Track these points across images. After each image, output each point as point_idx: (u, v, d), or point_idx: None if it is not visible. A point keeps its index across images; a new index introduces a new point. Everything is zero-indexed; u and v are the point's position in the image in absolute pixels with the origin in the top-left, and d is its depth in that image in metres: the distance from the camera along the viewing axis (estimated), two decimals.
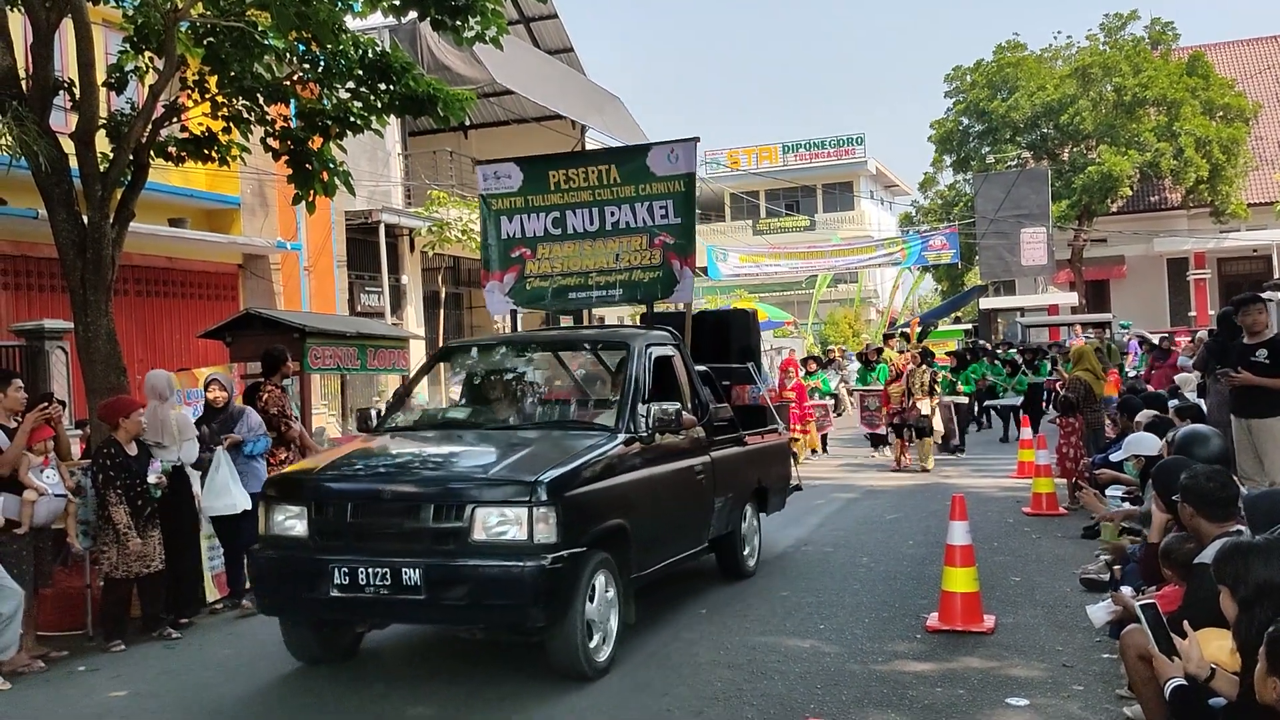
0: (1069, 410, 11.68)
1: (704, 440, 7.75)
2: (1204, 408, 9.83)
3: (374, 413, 7.58)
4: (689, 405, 7.71)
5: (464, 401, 8.17)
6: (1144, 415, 8.79)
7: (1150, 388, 13.21)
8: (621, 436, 6.60)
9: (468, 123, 21.76)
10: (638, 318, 30.31)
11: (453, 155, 23.16)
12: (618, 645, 6.44)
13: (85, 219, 8.59)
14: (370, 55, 9.51)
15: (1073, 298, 35.05)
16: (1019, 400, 19.64)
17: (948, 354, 19.87)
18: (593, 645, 6.02)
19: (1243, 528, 4.50)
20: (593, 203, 9.28)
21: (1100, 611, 5.28)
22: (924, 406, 15.53)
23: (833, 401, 23.48)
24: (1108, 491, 8.23)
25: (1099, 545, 8.60)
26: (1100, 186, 34.25)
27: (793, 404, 16.48)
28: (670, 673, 6.24)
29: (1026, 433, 14.33)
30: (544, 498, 5.66)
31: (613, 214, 9.24)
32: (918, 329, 16.64)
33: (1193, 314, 33.69)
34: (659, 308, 10.08)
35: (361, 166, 17.77)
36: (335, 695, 6.08)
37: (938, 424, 15.95)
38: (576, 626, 5.83)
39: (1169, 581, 4.95)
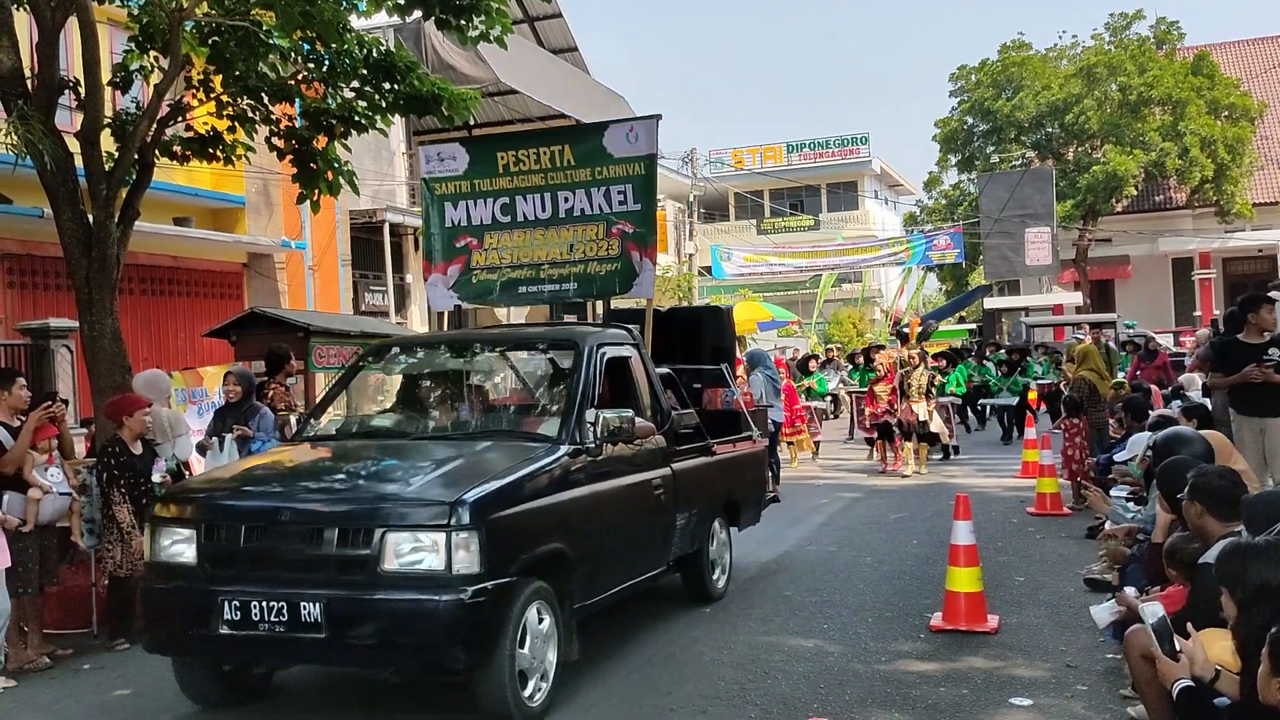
0: (1074, 410, 11.67)
1: (664, 451, 6.99)
2: (1209, 407, 9.82)
3: (294, 419, 7.01)
4: (647, 412, 6.94)
5: (393, 407, 7.31)
6: (1175, 406, 8.78)
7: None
8: (565, 448, 5.89)
9: (472, 122, 21.75)
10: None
11: None
12: (619, 645, 6.45)
13: (90, 218, 8.60)
14: (375, 54, 9.52)
15: (1077, 297, 35.00)
16: (1014, 401, 19.43)
17: (937, 355, 19.45)
18: (527, 691, 5.34)
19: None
20: (544, 187, 8.45)
21: (1104, 612, 5.28)
22: (920, 410, 14.94)
23: (830, 403, 23.38)
24: (1112, 492, 8.22)
25: (1101, 546, 8.60)
26: (1105, 186, 34.19)
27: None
28: (674, 671, 6.25)
29: (1031, 433, 14.32)
30: (465, 521, 4.97)
31: (566, 200, 8.42)
32: (918, 329, 16.25)
33: (1197, 314, 33.61)
34: (624, 304, 9.72)
35: (366, 166, 17.79)
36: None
37: (937, 426, 15.41)
38: (504, 667, 5.14)
39: (1173, 582, 4.95)
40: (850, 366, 22.00)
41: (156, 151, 9.17)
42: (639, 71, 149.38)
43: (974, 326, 35.45)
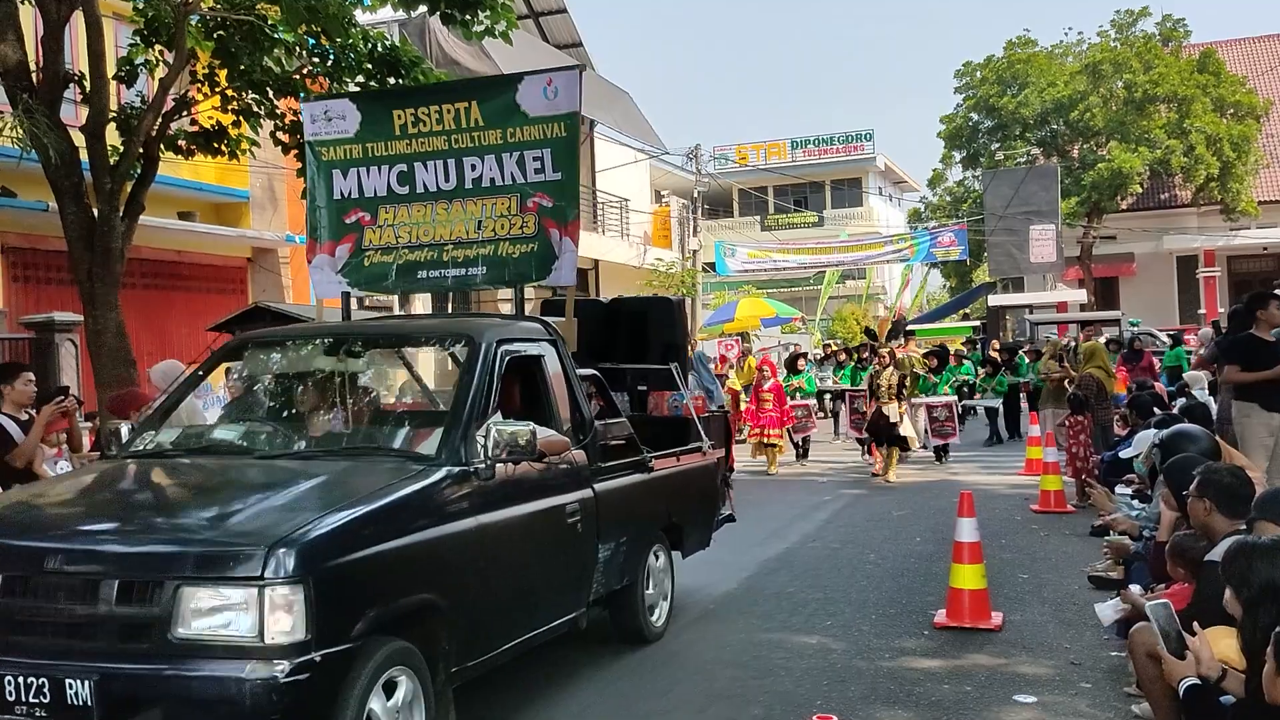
0: (1079, 408, 11.66)
1: (584, 469, 5.89)
2: (1211, 406, 9.81)
3: (125, 429, 5.63)
4: (564, 423, 5.86)
5: (242, 416, 6.13)
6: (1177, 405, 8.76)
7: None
8: (443, 471, 4.78)
9: None
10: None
11: None
12: (616, 644, 6.43)
13: (95, 212, 8.62)
14: (379, 49, 9.53)
15: (1082, 295, 34.96)
16: (998, 402, 18.99)
17: (928, 354, 18.74)
18: None
19: None
20: (448, 152, 7.20)
21: (1109, 610, 5.28)
22: (890, 412, 14.17)
23: (815, 403, 23.09)
24: (1117, 489, 8.21)
25: (1105, 543, 8.59)
26: (1110, 183, 34.13)
27: (762, 407, 15.62)
28: (674, 670, 6.25)
29: (1035, 430, 14.29)
30: (287, 570, 3.85)
31: (474, 167, 7.12)
32: (889, 326, 15.96)
33: (1202, 312, 33.55)
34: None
35: None
36: None
37: (907, 430, 14.49)
38: None
39: (1178, 579, 4.94)
40: (835, 364, 21.49)
41: (161, 146, 9.18)
42: (644, 66, 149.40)
43: (978, 324, 35.37)
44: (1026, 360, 19.67)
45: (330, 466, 4.98)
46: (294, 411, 5.87)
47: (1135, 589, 5.31)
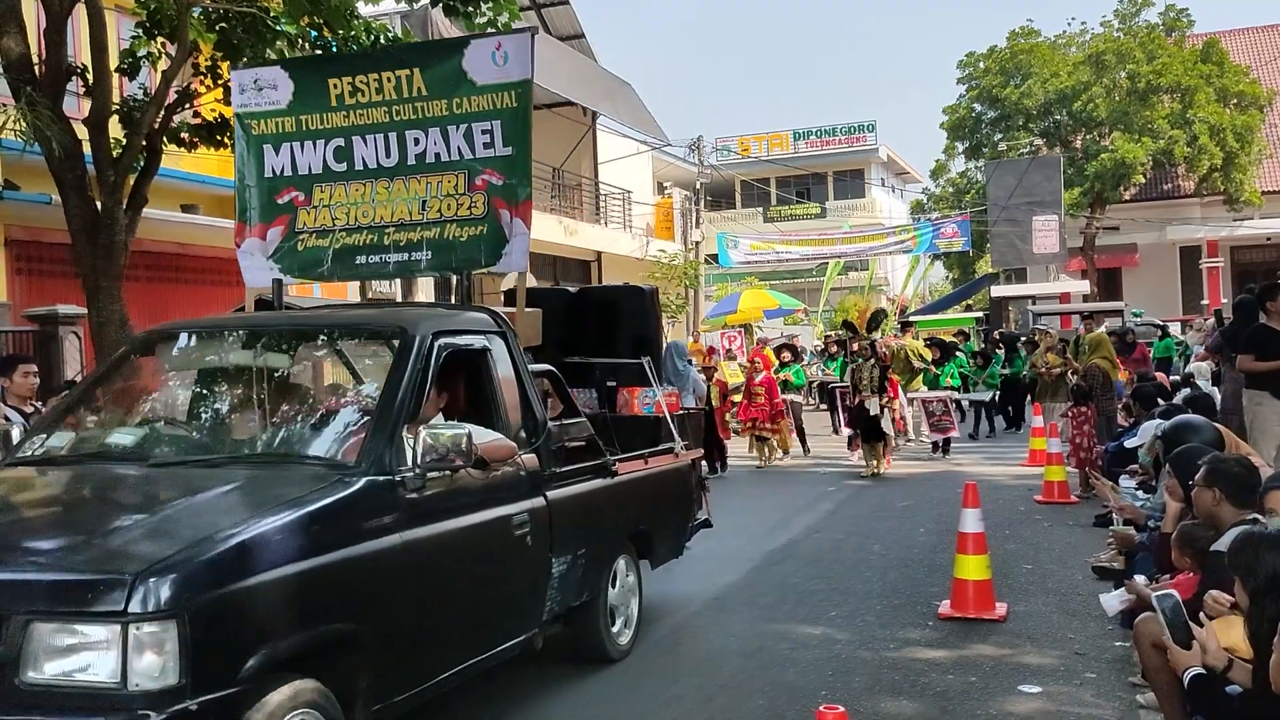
0: (1083, 398, 11.65)
1: (535, 475, 5.34)
2: (1215, 397, 9.79)
3: (16, 431, 5.12)
4: (511, 425, 5.29)
5: (144, 419, 5.36)
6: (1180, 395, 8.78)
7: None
8: (363, 482, 4.22)
9: None
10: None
11: None
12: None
13: (98, 204, 8.61)
14: (382, 41, 9.50)
15: (1084, 286, 34.94)
16: (989, 395, 18.58)
17: (929, 344, 17.96)
18: None
19: (1259, 516, 4.50)
20: (389, 125, 6.59)
21: (1114, 600, 5.28)
22: (871, 406, 13.76)
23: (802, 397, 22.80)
24: (1120, 480, 8.21)
25: (1109, 534, 8.60)
26: (1113, 174, 34.09)
27: (754, 400, 15.21)
28: (680, 660, 6.26)
29: (1038, 421, 14.28)
30: (155, 604, 3.31)
31: (417, 141, 6.52)
32: (868, 317, 15.18)
33: (1205, 302, 33.51)
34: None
35: None
36: None
37: (886, 426, 13.97)
38: None
39: (1183, 569, 4.94)
40: (828, 357, 20.98)
41: (164, 138, 9.17)
42: (646, 58, 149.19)
43: (981, 315, 35.34)
44: (1024, 353, 19.39)
45: (231, 477, 4.36)
46: (203, 413, 5.27)
47: (1140, 579, 5.31)
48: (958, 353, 19.35)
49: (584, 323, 7.75)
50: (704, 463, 10.57)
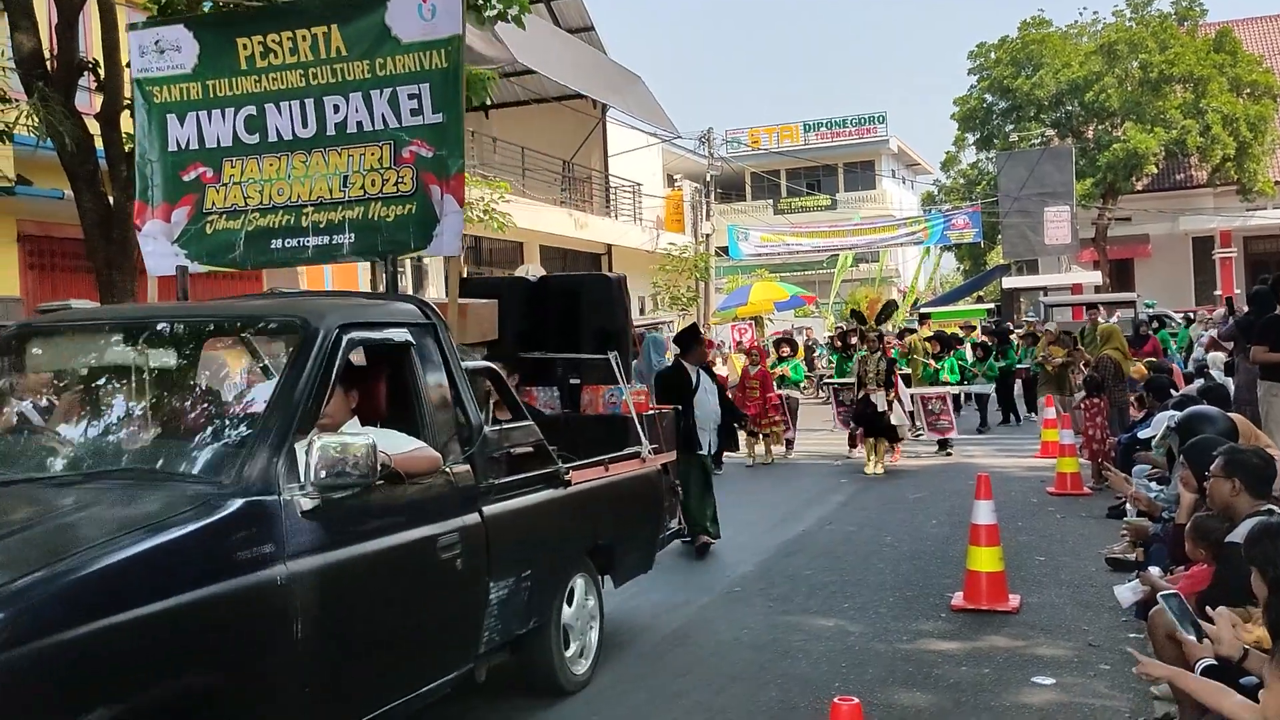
0: (1096, 390, 11.61)
1: (469, 488, 4.68)
2: (1229, 387, 9.76)
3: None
4: (439, 431, 4.62)
5: None
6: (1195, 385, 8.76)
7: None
8: (238, 503, 3.58)
9: (489, 102, 21.80)
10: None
11: (474, 135, 23.14)
12: (633, 626, 6.42)
13: (110, 199, 8.63)
14: None
15: (1096, 277, 34.81)
16: (990, 388, 18.13)
17: (931, 338, 17.23)
18: None
19: (1275, 507, 4.48)
20: (305, 90, 5.84)
21: (1128, 591, 5.27)
22: (878, 400, 13.22)
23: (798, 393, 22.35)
24: (1133, 471, 8.20)
25: (1123, 525, 8.58)
26: (1125, 164, 33.93)
27: (748, 394, 14.40)
28: (691, 651, 6.26)
29: (1050, 412, 14.25)
30: None
31: (336, 108, 5.81)
32: (879, 308, 14.50)
33: (1218, 293, 33.33)
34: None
35: None
36: None
37: (897, 419, 13.51)
38: None
39: (1198, 561, 4.92)
40: (832, 350, 20.28)
41: None
42: (655, 50, 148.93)
43: (993, 306, 35.25)
44: (1018, 345, 19.05)
45: (82, 498, 3.67)
46: (62, 421, 4.43)
47: (1154, 570, 5.30)
48: (959, 345, 18.98)
49: (546, 315, 7.13)
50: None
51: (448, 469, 4.54)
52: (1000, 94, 37.83)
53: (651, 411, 6.99)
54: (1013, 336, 19.96)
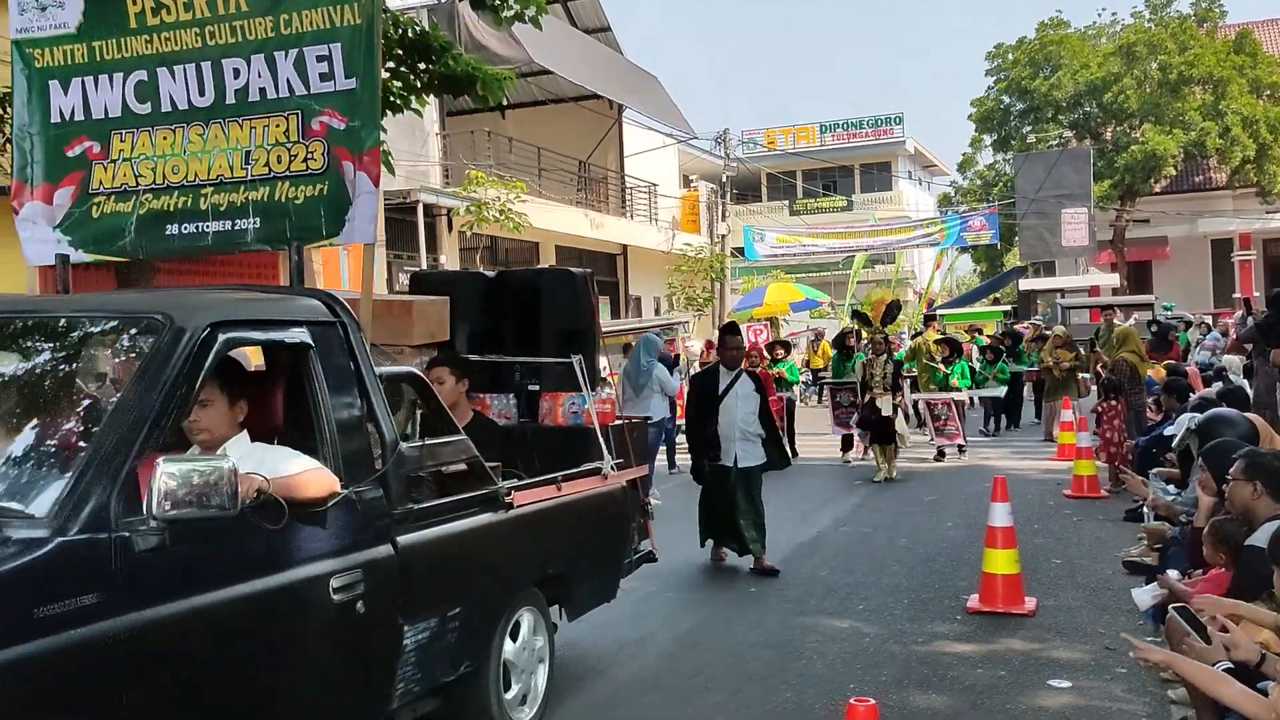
0: (1112, 392, 11.56)
1: (378, 516, 3.99)
2: (1248, 389, 9.70)
3: None
4: (340, 447, 3.90)
5: None
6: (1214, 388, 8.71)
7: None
8: (52, 544, 2.93)
9: (506, 102, 21.92)
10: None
11: (490, 135, 23.20)
12: (650, 626, 6.40)
13: None
14: (410, 35, 9.52)
15: (1114, 279, 34.67)
16: (1002, 391, 17.54)
17: (939, 342, 16.57)
18: None
19: None
20: (202, 53, 5.14)
21: (1146, 595, 5.25)
22: (884, 405, 12.83)
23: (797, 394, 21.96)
24: (1150, 474, 8.15)
25: (1141, 529, 8.54)
26: (1144, 166, 33.78)
27: None
28: (706, 652, 6.26)
29: (1067, 414, 14.18)
30: None
31: (237, 73, 5.10)
32: (884, 308, 13.85)
33: (1237, 295, 33.12)
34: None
35: (400, 146, 17.84)
36: None
37: (901, 426, 13.17)
38: None
39: (1216, 564, 4.90)
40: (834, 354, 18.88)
41: None
42: (672, 51, 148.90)
43: (1009, 308, 35.13)
44: (1026, 347, 18.74)
45: None
46: None
47: (1173, 574, 5.28)
48: (973, 347, 18.77)
49: (505, 314, 6.47)
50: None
51: (351, 493, 3.83)
52: (1018, 95, 37.72)
53: (619, 422, 6.23)
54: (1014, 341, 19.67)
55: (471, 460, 4.71)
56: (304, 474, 3.66)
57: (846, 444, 14.74)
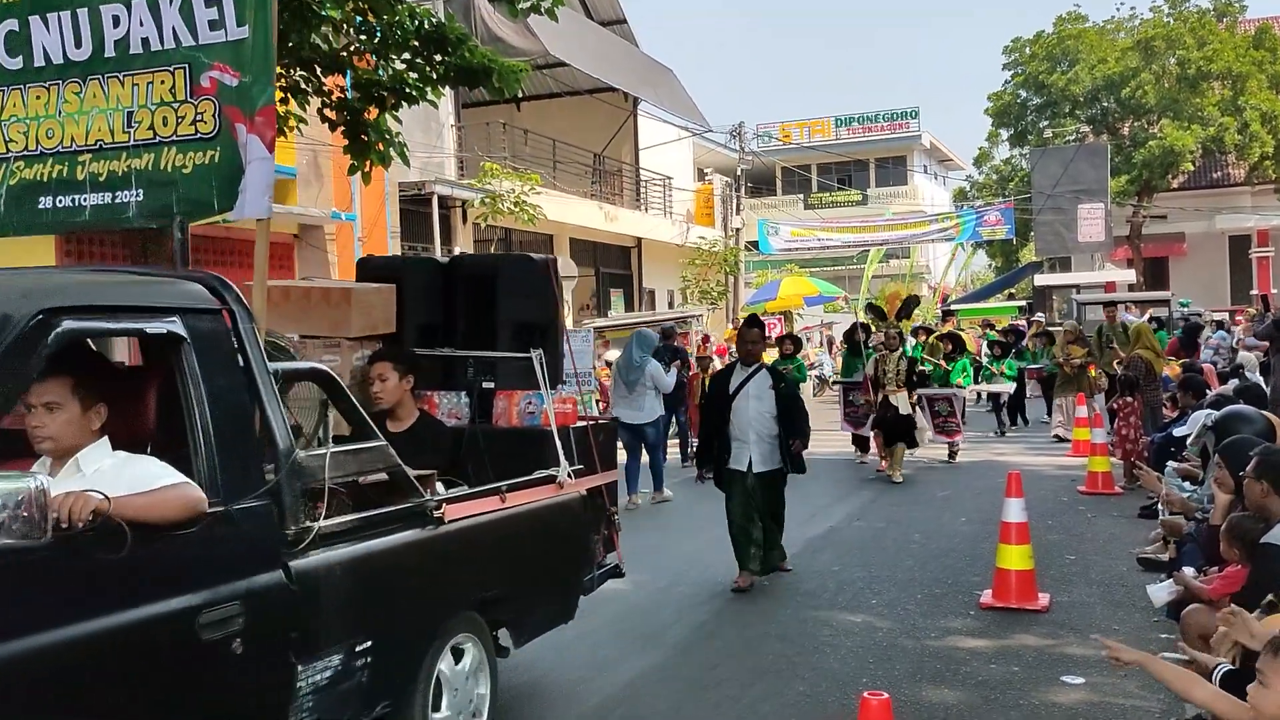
0: (1129, 389, 11.51)
1: (266, 537, 3.48)
2: (1264, 386, 9.66)
3: None
4: (218, 456, 3.36)
5: None
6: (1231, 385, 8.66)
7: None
8: None
9: (521, 94, 21.88)
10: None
11: (505, 127, 23.21)
12: (662, 621, 6.40)
13: None
14: (426, 26, 9.52)
15: (1130, 275, 34.51)
16: (1011, 387, 17.10)
17: (942, 338, 16.15)
18: None
19: None
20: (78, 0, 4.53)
21: (1161, 591, 5.24)
22: (900, 402, 12.35)
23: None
24: (1166, 471, 8.12)
25: (1161, 523, 8.51)
26: (1161, 162, 33.62)
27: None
28: (719, 645, 6.27)
29: (1082, 411, 14.13)
30: None
31: (116, 21, 4.46)
32: (899, 303, 13.45)
33: (1254, 292, 32.93)
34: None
35: (415, 138, 17.86)
36: None
37: (922, 421, 12.79)
38: None
39: (1231, 562, 4.88)
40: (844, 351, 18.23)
41: None
42: (688, 43, 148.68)
43: (1024, 303, 34.99)
44: (1030, 344, 18.28)
45: None
46: None
47: (1188, 571, 5.26)
48: (983, 342, 18.42)
49: (459, 304, 5.85)
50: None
51: (230, 511, 3.30)
52: (1035, 89, 37.55)
53: (582, 424, 5.60)
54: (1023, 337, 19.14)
55: (393, 469, 4.10)
56: (159, 491, 3.10)
57: (862, 444, 14.23)
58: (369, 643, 3.82)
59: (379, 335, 5.38)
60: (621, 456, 9.95)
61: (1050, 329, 18.11)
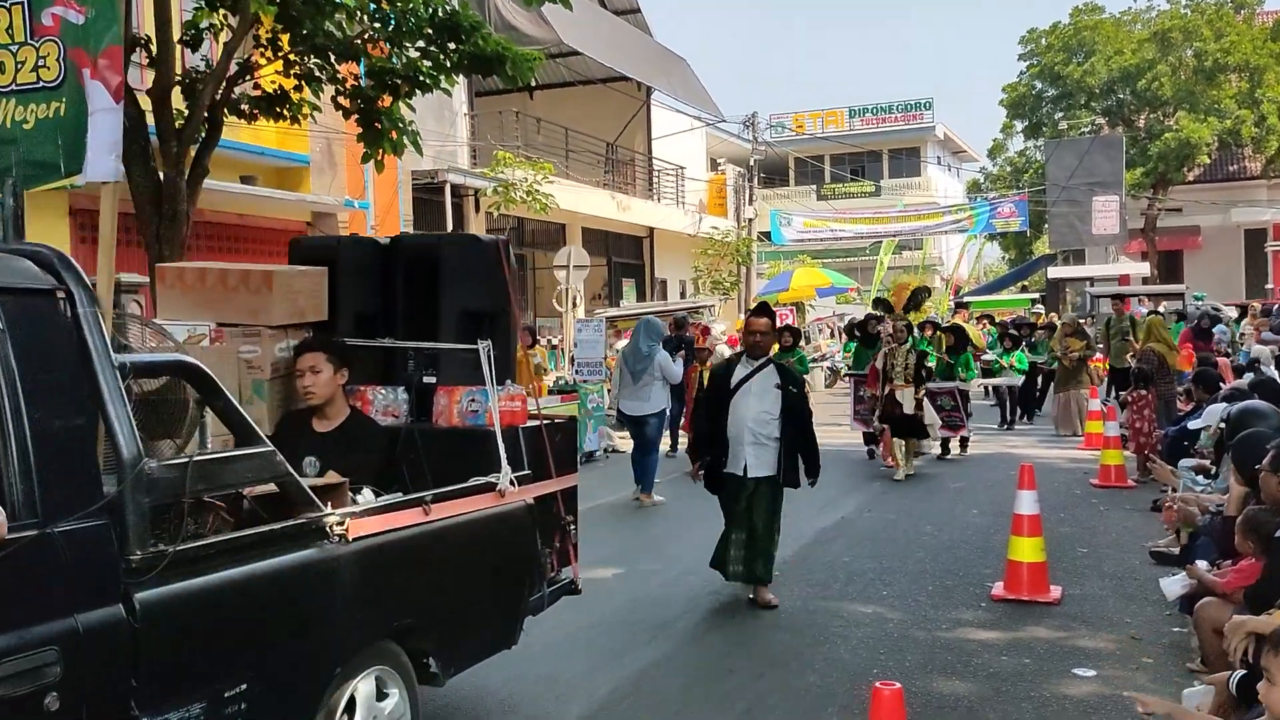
0: (1142, 382, 11.47)
1: (101, 564, 2.88)
2: None
3: None
4: (46, 470, 2.80)
5: None
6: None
7: None
8: None
9: (534, 83, 21.92)
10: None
11: (518, 116, 23.20)
12: (673, 612, 6.40)
13: (161, 175, 8.74)
14: (440, 14, 9.51)
15: (1144, 268, 34.36)
16: (1019, 380, 17.00)
17: (943, 330, 15.33)
18: None
19: None
20: None
21: (1174, 585, 5.23)
22: (906, 398, 11.97)
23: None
24: (1180, 465, 8.09)
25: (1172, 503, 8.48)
26: (1177, 154, 33.46)
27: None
28: (730, 636, 6.27)
29: (1095, 404, 14.08)
30: None
31: None
32: (907, 295, 13.04)
33: (1270, 286, 32.79)
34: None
35: (428, 126, 17.87)
36: None
37: (931, 416, 12.48)
38: None
39: (1246, 555, 4.86)
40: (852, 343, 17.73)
41: (225, 110, 9.27)
42: (701, 33, 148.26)
43: (1037, 296, 34.89)
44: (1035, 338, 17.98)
45: None
46: None
47: (1202, 564, 5.24)
48: (989, 336, 18.28)
49: (400, 289, 5.20)
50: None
51: (49, 534, 2.75)
52: (1050, 81, 37.41)
53: (533, 424, 4.99)
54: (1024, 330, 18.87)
55: (282, 479, 3.52)
56: None
57: (874, 442, 13.65)
58: (241, 686, 3.21)
59: (308, 324, 4.91)
60: (627, 447, 9.84)
61: (1056, 323, 18.00)
